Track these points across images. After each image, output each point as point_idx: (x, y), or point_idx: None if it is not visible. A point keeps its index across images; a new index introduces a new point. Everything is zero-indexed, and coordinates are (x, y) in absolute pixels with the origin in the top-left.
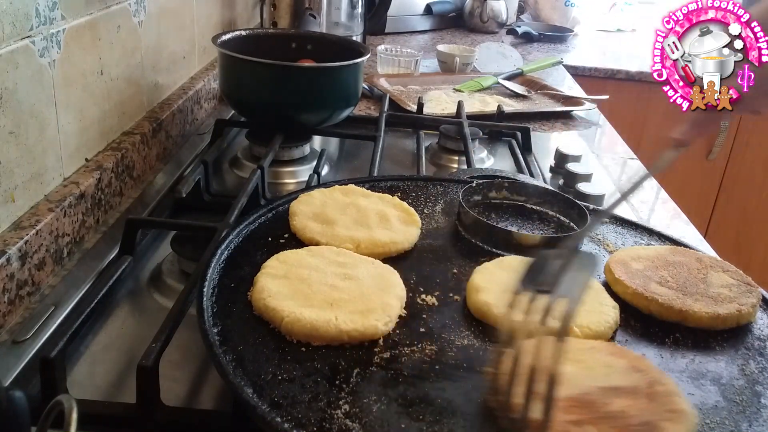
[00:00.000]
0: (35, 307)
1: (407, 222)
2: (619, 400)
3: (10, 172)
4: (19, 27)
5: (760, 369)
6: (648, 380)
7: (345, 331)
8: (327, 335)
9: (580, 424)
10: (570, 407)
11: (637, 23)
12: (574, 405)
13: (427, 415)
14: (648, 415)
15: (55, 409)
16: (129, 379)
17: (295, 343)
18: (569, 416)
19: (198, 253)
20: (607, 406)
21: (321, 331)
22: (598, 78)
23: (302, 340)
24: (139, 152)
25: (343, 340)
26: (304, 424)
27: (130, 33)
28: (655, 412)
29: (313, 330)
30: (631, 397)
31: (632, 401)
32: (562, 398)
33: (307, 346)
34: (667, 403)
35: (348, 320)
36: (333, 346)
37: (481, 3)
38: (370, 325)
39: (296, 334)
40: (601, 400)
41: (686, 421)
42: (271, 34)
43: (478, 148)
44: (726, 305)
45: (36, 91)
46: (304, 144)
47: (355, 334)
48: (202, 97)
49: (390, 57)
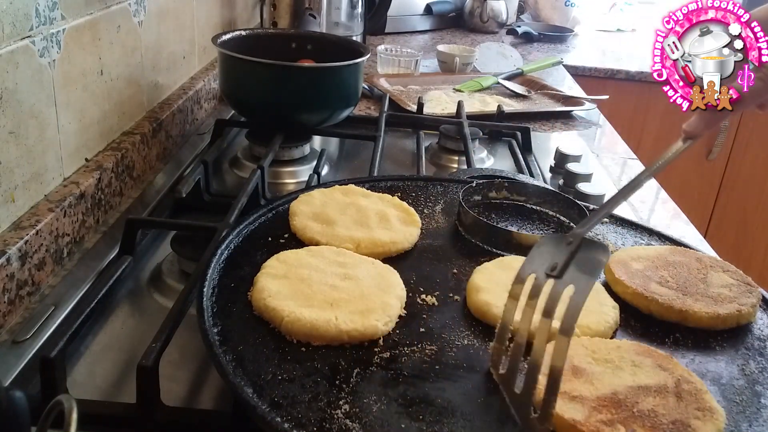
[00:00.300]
0: (35, 307)
1: (407, 222)
2: (649, 398)
3: (10, 172)
4: (19, 27)
5: (760, 369)
6: (675, 378)
7: (345, 331)
8: (327, 335)
9: (611, 423)
10: (601, 407)
11: (637, 23)
12: (604, 404)
13: (427, 415)
14: (677, 413)
15: (55, 409)
16: (129, 379)
17: (295, 343)
18: (601, 416)
19: (198, 253)
20: (637, 405)
21: (321, 330)
22: (598, 78)
23: (302, 340)
24: (139, 152)
25: (343, 340)
26: (304, 424)
27: (130, 33)
28: (685, 410)
29: (313, 330)
30: (660, 395)
31: (661, 400)
32: (593, 398)
33: (307, 346)
34: (696, 402)
35: (348, 320)
36: (333, 346)
37: (481, 3)
38: (370, 325)
39: (296, 334)
40: (631, 399)
41: (715, 419)
42: (271, 34)
43: (478, 148)
44: (726, 305)
45: (36, 91)
46: (304, 144)
47: (355, 334)
48: (202, 97)
49: (390, 57)
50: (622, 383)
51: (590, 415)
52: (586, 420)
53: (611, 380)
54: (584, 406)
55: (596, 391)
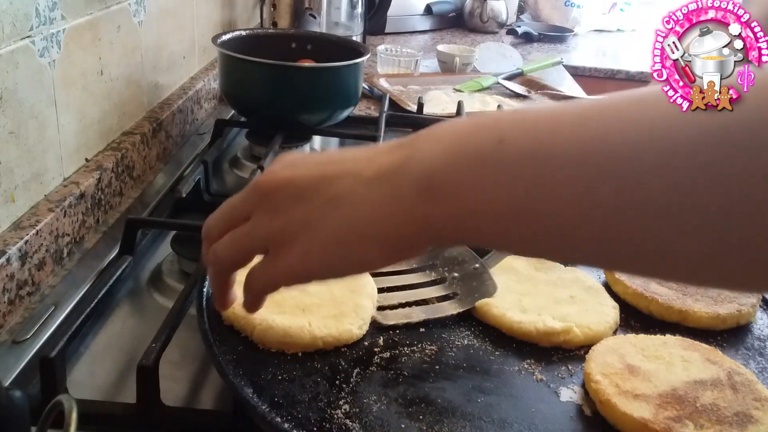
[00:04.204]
0: (35, 307)
1: None
2: (707, 392)
3: (10, 172)
4: (19, 27)
5: (760, 369)
6: (726, 371)
7: (320, 337)
8: (301, 342)
9: (679, 419)
10: (665, 403)
11: (637, 23)
12: (668, 401)
13: (427, 415)
14: (737, 405)
15: (55, 409)
16: (129, 379)
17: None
18: (667, 413)
19: (198, 253)
20: (699, 400)
21: (294, 337)
22: (598, 78)
23: (275, 348)
24: (139, 152)
25: (317, 346)
26: (304, 424)
27: (130, 33)
28: (743, 401)
29: (287, 337)
30: (717, 389)
31: (719, 393)
32: (655, 395)
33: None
34: (751, 392)
35: (322, 325)
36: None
37: (481, 3)
38: (344, 330)
39: (269, 343)
40: (691, 394)
41: None
42: (271, 34)
43: None
44: (726, 305)
45: (36, 91)
46: (304, 144)
47: (330, 340)
48: (202, 97)
49: (390, 57)
50: (678, 379)
51: (657, 413)
52: (654, 418)
53: (667, 377)
54: (649, 404)
55: (656, 389)
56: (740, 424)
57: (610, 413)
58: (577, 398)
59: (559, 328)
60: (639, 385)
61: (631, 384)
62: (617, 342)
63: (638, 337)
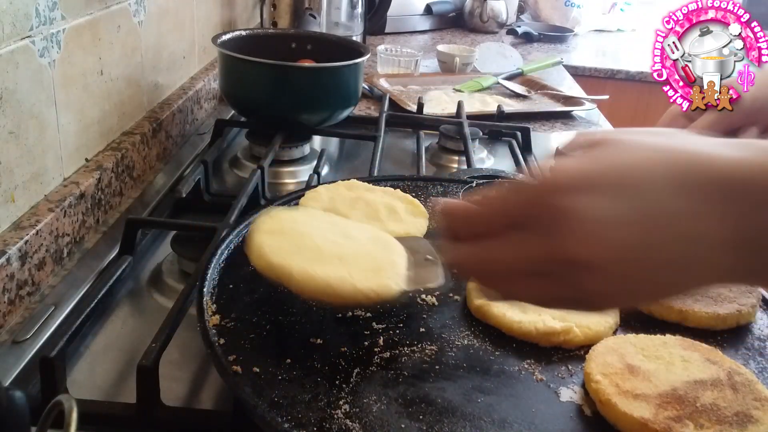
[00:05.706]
0: (35, 307)
1: (415, 213)
2: (707, 392)
3: (10, 172)
4: (19, 27)
5: (760, 369)
6: (726, 371)
7: (360, 290)
8: (343, 293)
9: (679, 419)
10: (665, 403)
11: (637, 23)
12: (667, 401)
13: (427, 415)
14: (737, 405)
15: (55, 409)
16: (129, 379)
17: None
18: (667, 412)
19: (198, 253)
20: (699, 400)
21: (336, 288)
22: (598, 78)
23: (313, 298)
24: (139, 152)
25: (358, 299)
26: (304, 424)
27: (130, 33)
28: (743, 401)
29: (328, 287)
30: (717, 389)
31: (719, 393)
32: (655, 395)
33: (307, 339)
34: (751, 392)
35: (362, 278)
36: (331, 342)
37: (481, 3)
38: (384, 284)
39: (309, 292)
40: (691, 394)
41: None
42: (271, 34)
43: (478, 148)
44: (726, 305)
45: (36, 91)
46: (304, 144)
47: (371, 294)
48: (202, 97)
49: (390, 57)
50: (678, 379)
51: (657, 413)
52: (655, 418)
53: (667, 376)
54: (649, 404)
55: (656, 389)
56: (740, 424)
57: (610, 413)
58: (577, 398)
59: (559, 328)
60: (639, 385)
61: (631, 384)
62: (617, 342)
63: (638, 337)
